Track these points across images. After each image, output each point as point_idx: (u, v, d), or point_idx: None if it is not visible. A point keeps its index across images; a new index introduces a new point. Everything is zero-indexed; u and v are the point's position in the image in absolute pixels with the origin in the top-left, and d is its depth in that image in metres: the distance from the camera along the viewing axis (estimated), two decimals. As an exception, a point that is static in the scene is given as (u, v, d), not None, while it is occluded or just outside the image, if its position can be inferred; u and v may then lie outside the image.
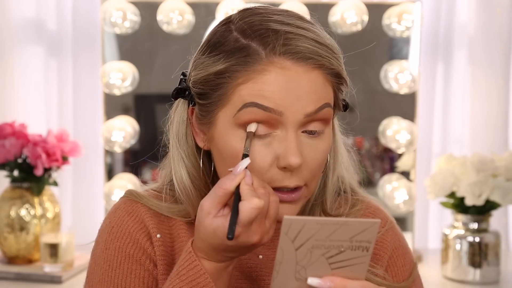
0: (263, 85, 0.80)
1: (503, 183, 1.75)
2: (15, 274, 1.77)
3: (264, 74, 0.80)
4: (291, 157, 0.80)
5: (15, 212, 1.82)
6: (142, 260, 0.88)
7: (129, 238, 0.89)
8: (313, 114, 0.81)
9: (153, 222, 0.90)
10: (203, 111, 0.86)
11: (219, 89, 0.82)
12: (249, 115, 0.80)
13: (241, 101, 0.81)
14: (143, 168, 2.18)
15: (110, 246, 0.90)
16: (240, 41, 0.81)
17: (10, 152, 1.81)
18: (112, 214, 0.93)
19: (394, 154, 2.15)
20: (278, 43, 0.79)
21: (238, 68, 0.80)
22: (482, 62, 2.13)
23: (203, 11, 2.09)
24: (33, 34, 2.12)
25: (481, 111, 2.14)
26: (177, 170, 0.90)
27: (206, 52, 0.85)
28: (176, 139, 0.90)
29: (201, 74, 0.85)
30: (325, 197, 0.93)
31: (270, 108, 0.80)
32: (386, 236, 0.97)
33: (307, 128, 0.82)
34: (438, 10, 2.14)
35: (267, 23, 0.82)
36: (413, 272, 0.98)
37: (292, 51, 0.80)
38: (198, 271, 0.78)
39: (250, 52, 0.80)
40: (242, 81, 0.80)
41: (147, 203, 0.92)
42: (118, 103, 2.12)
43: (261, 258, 0.93)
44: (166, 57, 2.15)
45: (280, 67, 0.80)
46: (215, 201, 0.76)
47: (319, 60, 0.81)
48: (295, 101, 0.80)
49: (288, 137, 0.81)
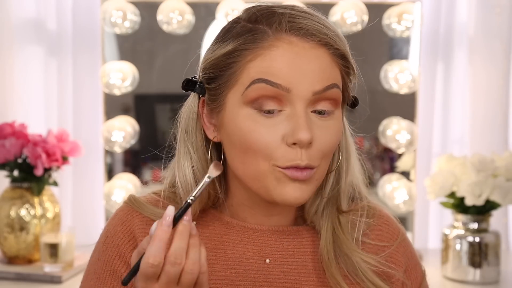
0: (271, 61, 0.81)
1: (503, 183, 1.75)
2: (15, 274, 1.77)
3: (271, 49, 0.81)
4: (300, 132, 0.80)
5: (15, 212, 1.82)
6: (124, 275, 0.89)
7: (117, 252, 0.90)
8: (321, 92, 0.82)
9: (143, 234, 0.90)
10: (212, 95, 0.86)
11: (229, 69, 0.83)
12: (258, 91, 0.81)
13: (249, 78, 0.81)
14: (143, 168, 2.18)
15: (101, 258, 0.91)
16: (247, 26, 0.84)
17: (10, 152, 1.81)
18: (111, 221, 0.94)
19: (394, 154, 2.15)
20: (284, 20, 0.82)
21: (247, 46, 0.82)
22: (482, 62, 2.13)
23: (203, 11, 2.09)
24: (33, 34, 2.12)
25: (481, 111, 2.14)
26: (181, 165, 0.90)
27: (216, 42, 0.87)
28: (185, 133, 0.90)
29: (211, 59, 0.86)
30: (340, 197, 0.93)
31: (278, 84, 0.80)
32: (398, 251, 0.95)
33: (316, 107, 0.83)
34: (438, 10, 2.13)
35: (272, 9, 0.84)
36: (423, 283, 0.97)
37: (296, 27, 0.81)
38: None
39: (257, 32, 0.82)
40: (251, 58, 0.82)
41: (142, 211, 0.92)
42: (118, 103, 2.12)
43: (268, 262, 0.90)
44: (166, 57, 2.15)
45: (287, 42, 0.81)
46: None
47: (324, 38, 0.82)
48: (303, 78, 0.81)
49: (296, 113, 0.81)
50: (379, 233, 0.95)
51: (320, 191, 0.92)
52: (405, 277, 0.95)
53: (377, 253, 0.93)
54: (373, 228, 0.95)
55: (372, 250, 0.93)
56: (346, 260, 0.90)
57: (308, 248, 0.92)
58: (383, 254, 0.93)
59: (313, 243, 0.92)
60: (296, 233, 0.93)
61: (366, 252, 0.92)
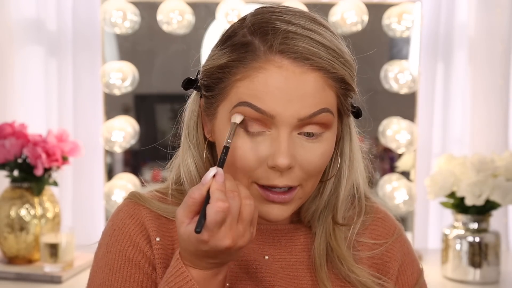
0: (258, 84, 0.79)
1: (503, 183, 1.75)
2: (15, 274, 1.77)
3: (260, 72, 0.79)
4: (279, 157, 0.80)
5: (15, 212, 1.82)
6: (141, 263, 0.88)
7: (130, 242, 0.89)
8: (307, 119, 0.80)
9: (154, 225, 0.90)
10: (207, 103, 0.87)
11: (221, 83, 0.83)
12: (243, 112, 0.81)
13: (237, 98, 0.81)
14: (143, 168, 2.18)
15: (111, 250, 0.90)
16: (246, 37, 0.82)
17: (10, 152, 1.81)
18: (115, 216, 0.93)
19: (394, 154, 2.15)
20: (276, 42, 0.79)
21: (237, 64, 0.81)
22: (482, 62, 2.13)
23: (203, 11, 2.09)
24: (33, 34, 2.12)
25: (481, 111, 2.14)
26: (185, 160, 0.91)
27: (219, 45, 0.86)
28: (186, 130, 0.91)
29: (208, 67, 0.85)
30: (337, 205, 0.93)
31: (262, 110, 0.80)
32: (395, 246, 0.97)
33: (303, 130, 0.82)
34: (438, 10, 2.13)
35: (272, 22, 0.81)
36: (419, 280, 0.98)
37: (289, 50, 0.79)
38: (184, 277, 0.78)
39: (250, 49, 0.80)
40: (240, 77, 0.81)
41: (149, 206, 0.92)
42: (118, 103, 2.12)
43: (267, 258, 0.92)
44: (166, 57, 2.15)
45: (277, 65, 0.79)
46: (186, 210, 0.77)
47: (318, 62, 0.79)
48: (289, 104, 0.79)
49: (279, 137, 0.80)
50: (374, 228, 0.97)
51: (317, 196, 0.93)
52: (400, 272, 0.96)
53: (372, 249, 0.95)
54: (368, 225, 0.96)
55: (368, 248, 0.95)
56: (340, 267, 0.92)
57: (305, 246, 0.94)
58: (377, 250, 0.95)
59: (309, 241, 0.94)
60: (294, 231, 0.94)
61: (361, 252, 0.94)
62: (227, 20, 2.00)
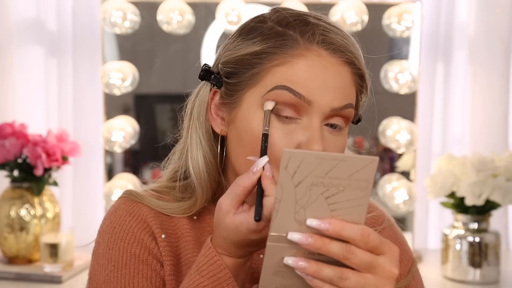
0: (298, 70, 0.81)
1: (503, 183, 1.75)
2: (15, 274, 1.77)
3: (300, 58, 0.81)
4: (314, 144, 0.81)
5: (15, 212, 1.82)
6: (148, 260, 0.88)
7: (133, 238, 0.89)
8: (338, 110, 0.83)
9: (156, 222, 0.90)
10: (230, 90, 0.86)
11: (253, 68, 0.83)
12: (279, 97, 0.81)
13: (274, 82, 0.82)
14: (143, 168, 2.18)
15: (113, 247, 0.89)
16: (276, 29, 0.84)
17: (10, 152, 1.81)
18: (112, 214, 0.92)
19: (394, 154, 2.15)
20: (318, 32, 0.82)
21: (276, 50, 0.82)
22: (482, 62, 2.13)
23: (203, 11, 2.09)
24: (33, 34, 2.12)
25: (481, 111, 2.14)
26: (194, 154, 0.90)
27: (240, 37, 0.86)
28: (197, 121, 0.91)
29: (235, 55, 0.86)
30: None
31: (301, 94, 0.81)
32: (383, 234, 0.97)
33: (329, 121, 0.84)
34: (438, 10, 2.14)
35: (305, 17, 0.85)
36: (412, 269, 0.98)
37: (328, 41, 0.82)
38: (218, 266, 0.79)
39: (288, 38, 0.82)
40: (278, 63, 0.82)
41: (148, 203, 0.91)
42: (118, 103, 2.12)
43: (262, 257, 0.92)
44: (166, 57, 2.15)
45: (317, 54, 0.82)
46: (234, 200, 0.77)
47: (350, 56, 0.83)
48: (325, 92, 0.81)
49: (313, 125, 0.82)
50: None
51: None
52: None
53: None
54: None
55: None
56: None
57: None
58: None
59: None
60: None
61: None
62: (227, 20, 2.00)
